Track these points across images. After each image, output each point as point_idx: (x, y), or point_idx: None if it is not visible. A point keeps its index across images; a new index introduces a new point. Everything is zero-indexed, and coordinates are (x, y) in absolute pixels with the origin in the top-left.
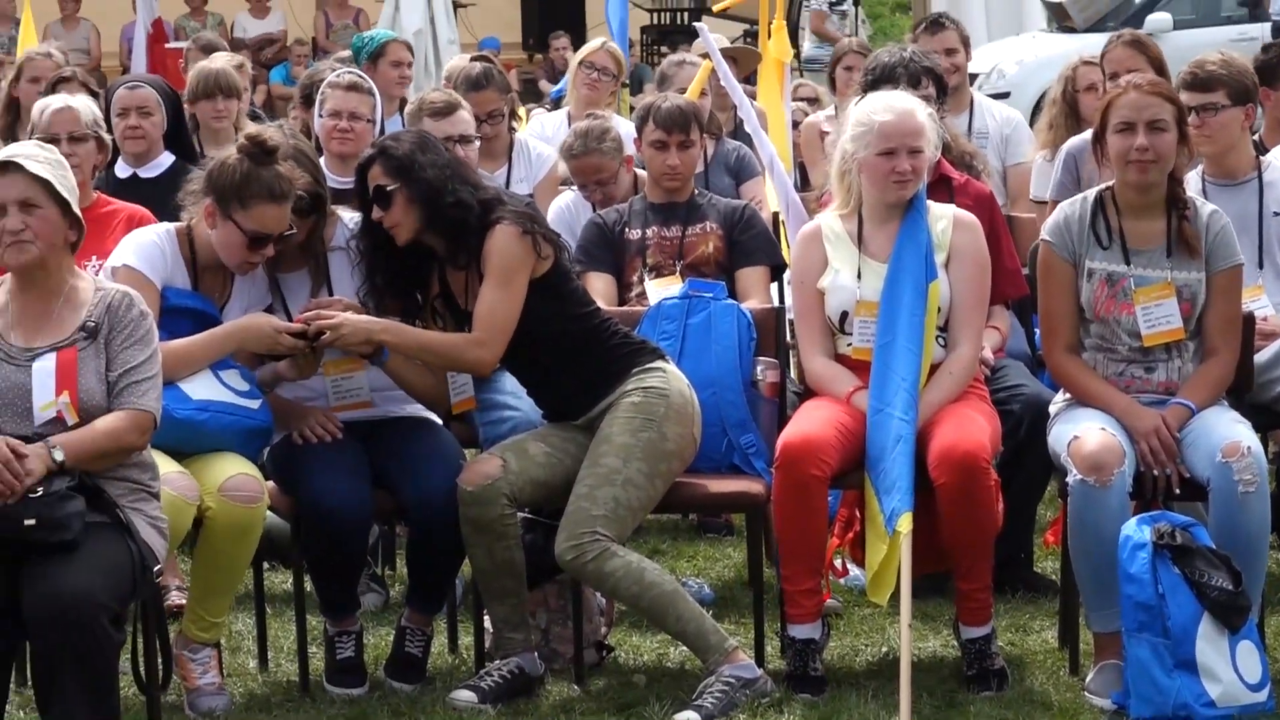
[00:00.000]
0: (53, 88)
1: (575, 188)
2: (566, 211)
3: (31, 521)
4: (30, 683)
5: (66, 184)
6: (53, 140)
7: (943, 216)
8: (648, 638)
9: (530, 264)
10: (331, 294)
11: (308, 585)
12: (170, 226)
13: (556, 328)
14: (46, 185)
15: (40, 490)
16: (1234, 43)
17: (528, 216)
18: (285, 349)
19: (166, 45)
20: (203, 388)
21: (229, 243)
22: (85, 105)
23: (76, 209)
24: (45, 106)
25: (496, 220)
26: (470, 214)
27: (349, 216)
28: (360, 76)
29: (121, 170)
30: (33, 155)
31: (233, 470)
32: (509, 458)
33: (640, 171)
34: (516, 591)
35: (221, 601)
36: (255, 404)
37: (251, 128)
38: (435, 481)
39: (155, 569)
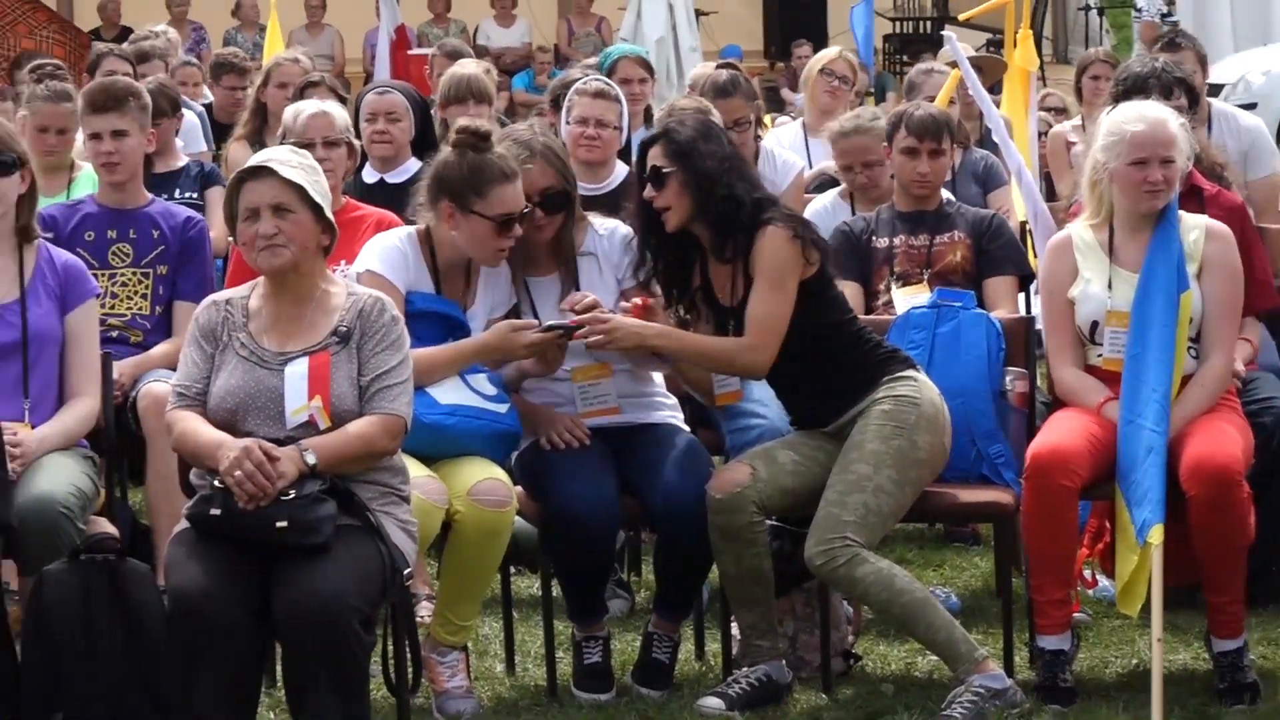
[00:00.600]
0: (300, 93)
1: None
2: (825, 214)
3: (284, 524)
4: (281, 684)
5: (319, 189)
6: (307, 145)
7: (1195, 227)
8: (895, 646)
9: (799, 268)
10: None
11: (555, 590)
12: (410, 230)
13: (816, 333)
14: (299, 190)
15: (292, 493)
16: None
17: (798, 220)
18: (536, 347)
19: (409, 52)
20: (451, 392)
21: (477, 235)
22: (338, 110)
23: (329, 213)
24: (299, 111)
25: (767, 221)
26: (741, 210)
27: (599, 223)
28: (607, 84)
29: (369, 175)
30: (286, 160)
31: (481, 475)
32: (758, 465)
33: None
34: (764, 599)
35: (470, 606)
36: (503, 408)
37: (461, 120)
38: (683, 488)
39: (405, 572)
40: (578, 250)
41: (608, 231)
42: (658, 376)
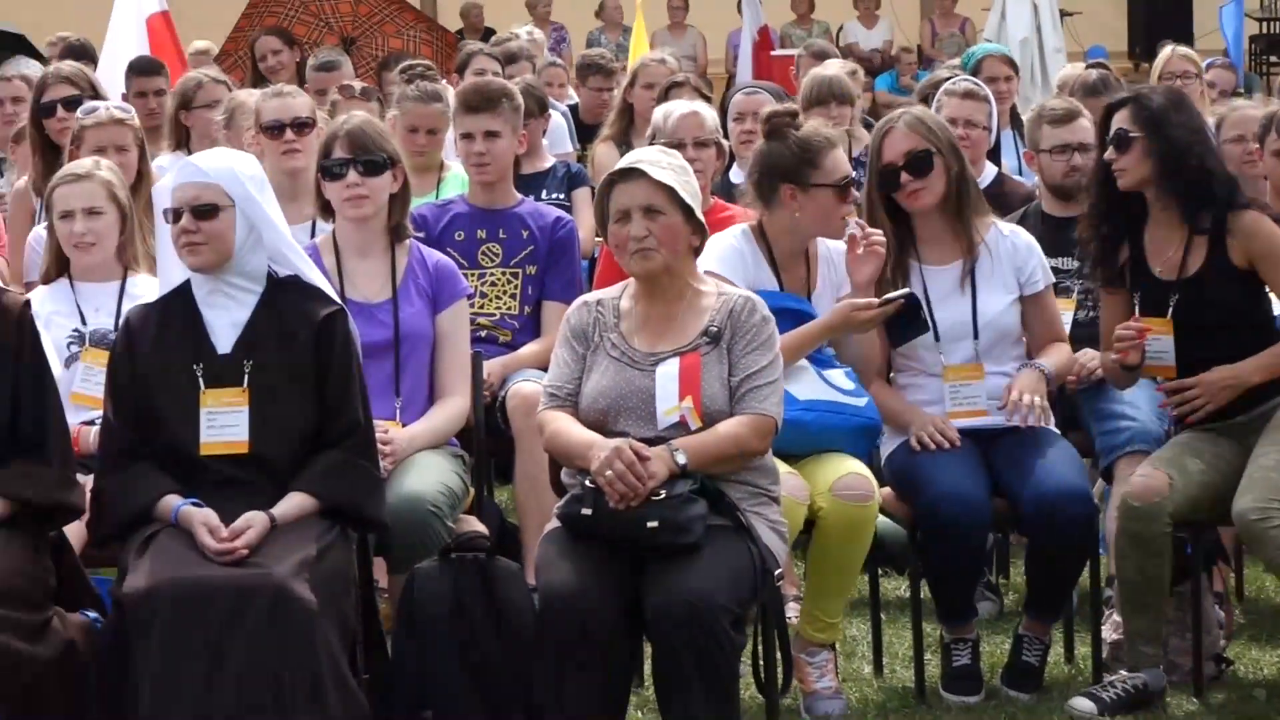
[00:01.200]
0: (665, 94)
1: None
2: None
3: (654, 524)
4: (650, 684)
5: (690, 189)
6: (676, 145)
7: None
8: (1267, 651)
9: None
10: None
11: (923, 592)
12: (744, 227)
13: (1253, 320)
14: (670, 191)
15: (663, 493)
16: None
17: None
18: (875, 322)
19: (772, 53)
20: (808, 388)
21: (824, 208)
22: (708, 111)
23: (699, 214)
24: (669, 112)
25: (1245, 205)
26: (1216, 184)
27: (1003, 224)
28: (976, 84)
29: (735, 175)
30: (656, 161)
31: (843, 470)
32: (1174, 475)
33: None
34: (1158, 606)
35: (836, 602)
36: (861, 401)
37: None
38: (1058, 492)
39: (776, 572)
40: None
41: (1010, 232)
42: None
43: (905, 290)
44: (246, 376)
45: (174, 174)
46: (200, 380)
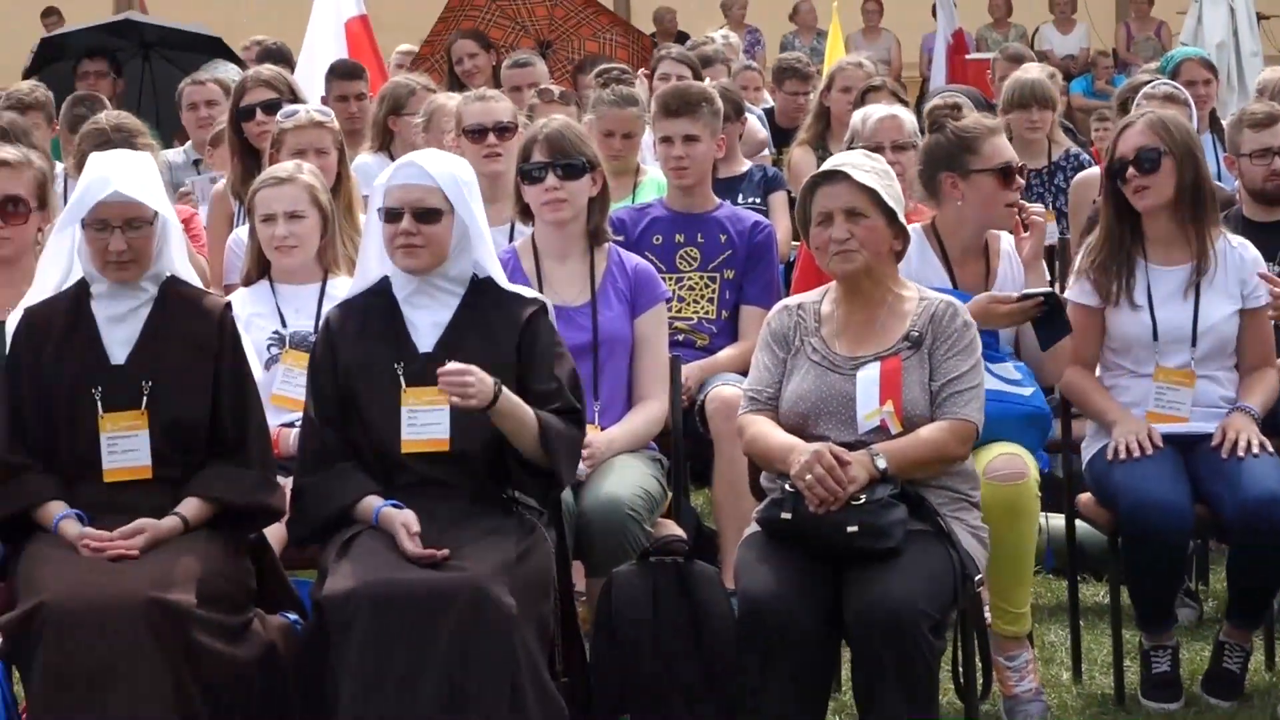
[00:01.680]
0: (862, 98)
1: None
2: None
3: (854, 529)
4: (849, 688)
5: (892, 193)
6: (876, 149)
7: None
8: None
9: None
10: None
11: (1123, 598)
12: (917, 226)
13: None
14: (873, 194)
15: (863, 498)
16: None
17: None
18: (1015, 316)
19: (967, 56)
20: None
21: (985, 194)
22: (907, 114)
23: (902, 218)
24: (868, 115)
25: None
26: None
27: (1231, 236)
28: (1176, 88)
29: None
30: (859, 164)
31: (994, 453)
32: None
33: None
34: None
35: (1019, 590)
36: (1027, 390)
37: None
38: (1261, 499)
39: (976, 578)
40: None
41: (1239, 244)
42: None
43: (1045, 289)
44: None
45: (394, 172)
46: (401, 378)
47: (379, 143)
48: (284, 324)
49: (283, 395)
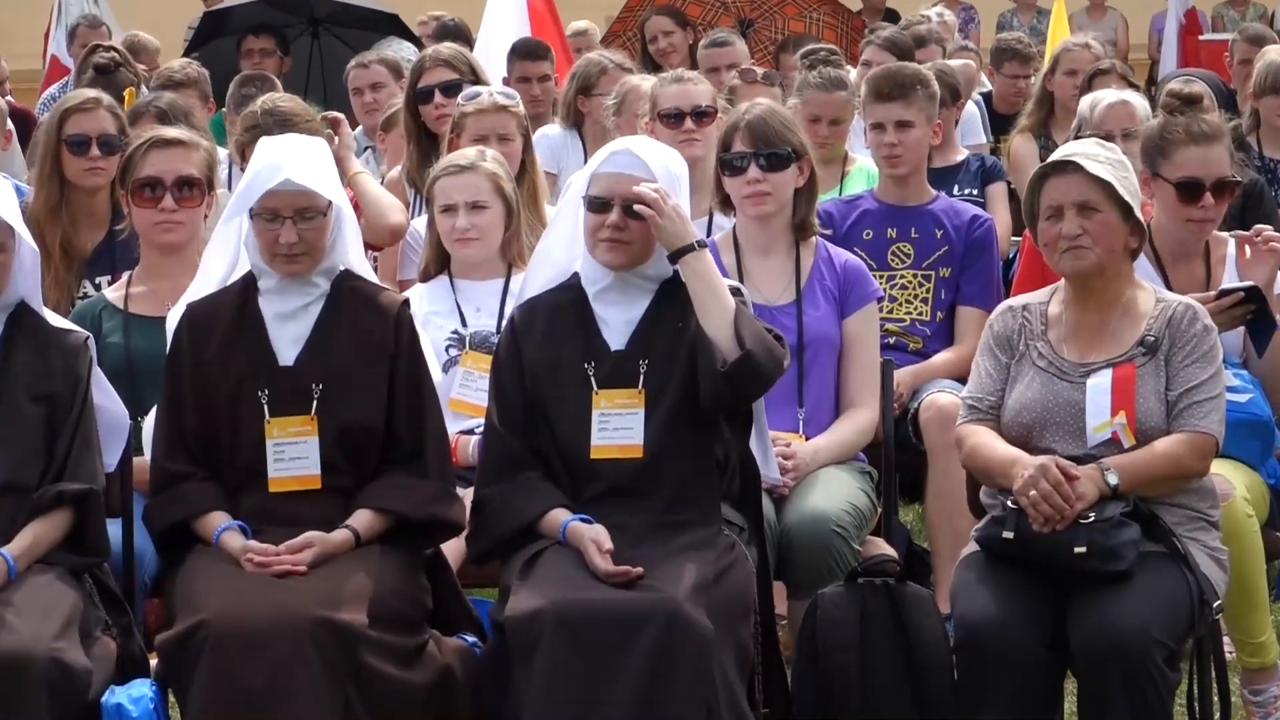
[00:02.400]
0: (1089, 82)
1: None
2: None
3: (1082, 549)
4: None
5: (1128, 186)
6: (1106, 137)
7: None
8: None
9: None
10: None
11: None
12: None
13: None
14: (1106, 187)
15: (1092, 516)
16: None
17: None
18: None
19: (1200, 37)
20: None
21: (1167, 205)
22: (1139, 100)
23: (1139, 213)
24: (1097, 101)
25: None
26: None
27: None
28: None
29: None
30: (1093, 154)
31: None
32: None
33: None
34: None
35: (1255, 616)
36: (1243, 397)
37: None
38: None
39: (1214, 605)
40: None
41: None
42: None
43: (1247, 283)
44: (642, 376)
45: (605, 158)
46: (592, 380)
47: (571, 124)
48: (464, 323)
49: (462, 400)
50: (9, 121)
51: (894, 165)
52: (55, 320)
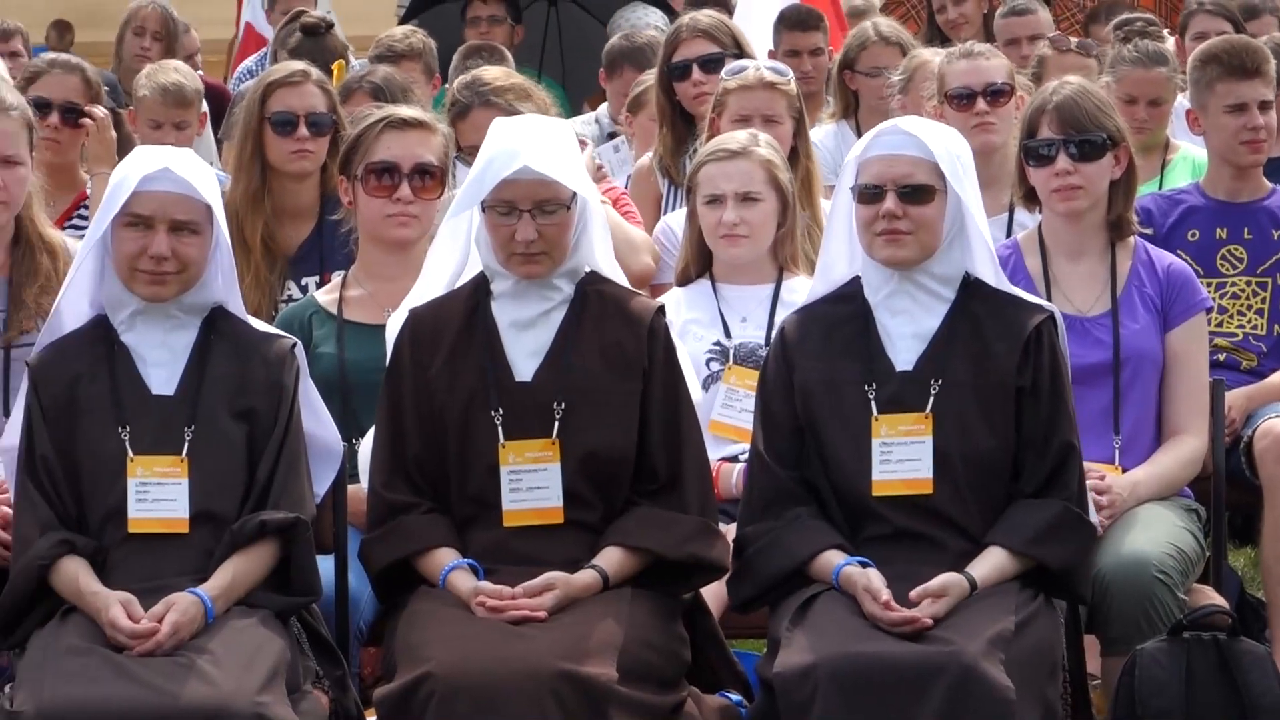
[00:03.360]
0: None
1: None
2: None
3: None
4: None
5: None
6: None
7: None
8: None
9: None
10: None
11: None
12: None
13: None
14: None
15: None
16: None
17: None
18: None
19: None
20: None
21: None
22: None
23: None
24: None
25: None
26: None
27: None
28: None
29: None
30: None
31: None
32: None
33: None
34: None
35: None
36: None
37: None
38: None
39: None
40: None
41: None
42: None
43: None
44: (932, 399)
45: (871, 141)
46: (873, 404)
47: (843, 106)
48: (728, 334)
49: (724, 423)
50: (204, 101)
51: (1258, 151)
52: (258, 326)
